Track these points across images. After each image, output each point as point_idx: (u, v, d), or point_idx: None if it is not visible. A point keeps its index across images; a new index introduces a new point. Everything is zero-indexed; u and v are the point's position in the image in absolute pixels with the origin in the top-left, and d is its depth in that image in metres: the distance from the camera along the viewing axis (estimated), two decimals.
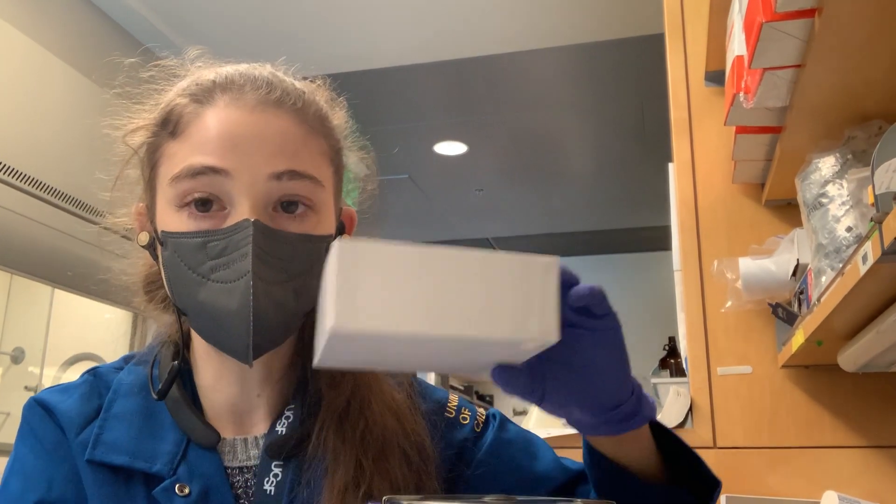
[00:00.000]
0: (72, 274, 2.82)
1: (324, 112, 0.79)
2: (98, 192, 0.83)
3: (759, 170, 1.55)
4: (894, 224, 0.73)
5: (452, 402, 0.88)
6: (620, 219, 5.53)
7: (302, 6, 2.94)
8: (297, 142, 0.74)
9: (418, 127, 4.03)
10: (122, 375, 0.83)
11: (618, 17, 2.95)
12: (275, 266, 0.70)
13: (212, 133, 0.72)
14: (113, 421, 0.78)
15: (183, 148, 0.73)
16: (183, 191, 0.72)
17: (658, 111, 2.96)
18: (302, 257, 0.72)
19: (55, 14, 2.69)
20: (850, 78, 1.07)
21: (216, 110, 0.73)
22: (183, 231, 0.72)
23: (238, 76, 0.76)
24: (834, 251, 1.12)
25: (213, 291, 0.70)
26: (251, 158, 0.71)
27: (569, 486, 0.82)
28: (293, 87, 0.77)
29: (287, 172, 0.72)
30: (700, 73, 1.72)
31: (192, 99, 0.75)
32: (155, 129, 0.77)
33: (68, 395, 0.81)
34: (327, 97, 0.83)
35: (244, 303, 0.68)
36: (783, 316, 1.41)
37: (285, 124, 0.74)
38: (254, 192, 0.71)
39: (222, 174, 0.70)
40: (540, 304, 0.54)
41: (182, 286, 0.73)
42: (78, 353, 3.37)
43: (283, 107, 0.74)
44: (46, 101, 2.60)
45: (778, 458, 1.50)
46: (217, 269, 0.70)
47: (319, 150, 0.77)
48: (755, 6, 1.05)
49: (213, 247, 0.70)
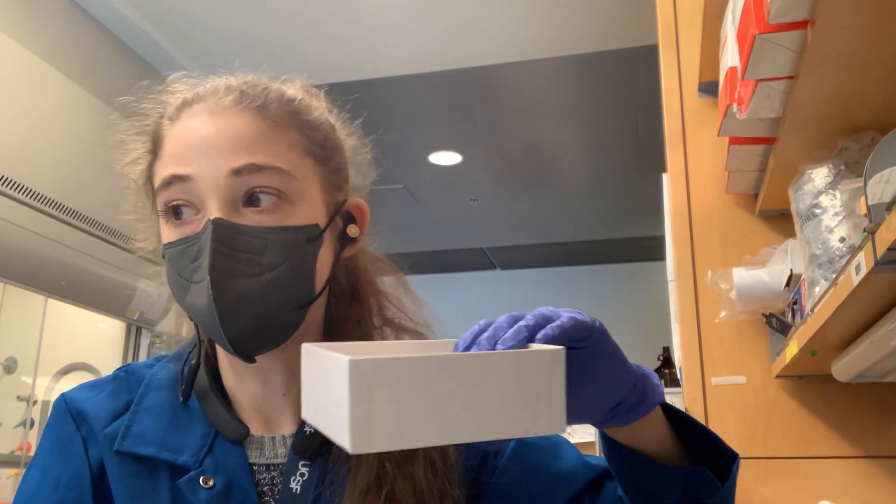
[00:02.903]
0: (65, 283, 2.81)
1: (294, 105, 0.80)
2: (92, 202, 0.85)
3: (753, 180, 1.56)
4: (887, 235, 0.74)
5: None
6: (615, 229, 5.54)
7: (298, 17, 2.94)
8: (257, 137, 0.75)
9: (413, 137, 4.04)
10: (154, 371, 0.86)
11: (612, 29, 2.96)
12: (241, 260, 0.72)
13: (177, 144, 0.76)
14: (143, 414, 0.81)
15: (161, 164, 0.77)
16: (162, 202, 0.76)
17: (652, 122, 2.97)
18: (275, 248, 0.73)
19: (50, 24, 2.69)
20: (842, 89, 1.07)
21: (181, 122, 0.77)
22: (170, 241, 0.76)
23: (203, 89, 0.79)
24: (827, 262, 1.12)
25: (194, 293, 0.73)
26: (211, 160, 0.73)
27: (595, 483, 0.82)
28: (255, 88, 0.79)
29: (247, 167, 0.73)
30: (694, 84, 1.73)
31: (168, 118, 0.79)
32: (148, 156, 0.81)
33: (98, 391, 0.84)
34: (304, 91, 0.84)
35: (209, 299, 0.70)
36: (777, 326, 1.42)
37: (244, 122, 0.75)
38: (217, 190, 0.73)
39: (188, 180, 0.74)
40: (547, 397, 0.54)
41: (176, 291, 0.76)
42: (71, 363, 3.36)
43: (240, 106, 0.76)
44: (40, 111, 2.60)
45: (772, 469, 1.50)
46: (195, 272, 0.73)
47: (288, 142, 0.77)
48: (748, 18, 1.06)
49: (190, 251, 0.73)
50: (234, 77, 0.80)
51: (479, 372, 0.53)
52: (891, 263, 0.77)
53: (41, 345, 3.18)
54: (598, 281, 6.25)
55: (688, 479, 0.70)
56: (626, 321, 4.73)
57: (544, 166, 4.43)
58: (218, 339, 0.73)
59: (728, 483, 0.71)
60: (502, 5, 2.86)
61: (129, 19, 2.95)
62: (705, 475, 0.70)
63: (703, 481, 0.70)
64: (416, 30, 3.03)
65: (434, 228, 5.49)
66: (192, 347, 0.85)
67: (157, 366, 0.86)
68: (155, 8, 2.92)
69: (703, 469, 0.70)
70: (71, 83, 2.72)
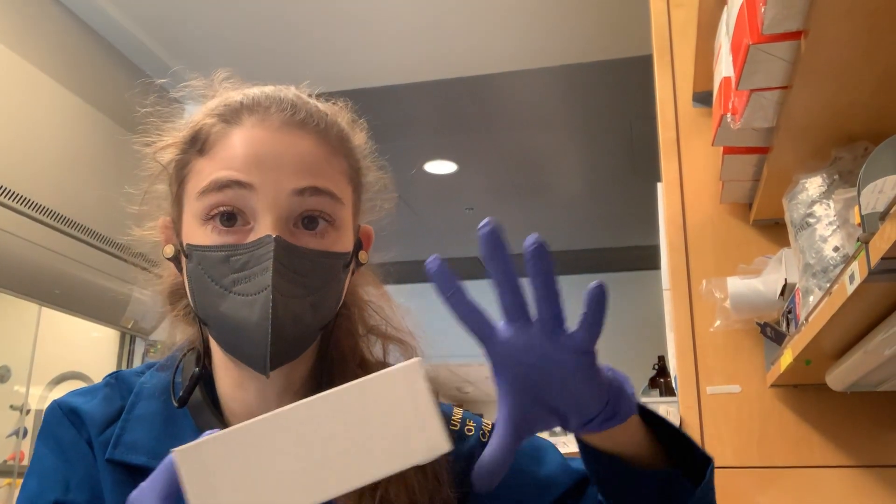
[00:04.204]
0: (59, 292, 2.80)
1: (345, 133, 0.83)
2: (86, 210, 0.84)
3: (747, 190, 1.56)
4: (881, 244, 0.74)
5: (457, 414, 0.89)
6: (610, 238, 5.55)
7: (293, 26, 2.95)
8: (319, 161, 0.77)
9: (408, 146, 4.04)
10: (144, 379, 0.85)
11: (607, 39, 2.97)
12: (294, 281, 0.73)
13: (238, 150, 0.75)
14: (134, 422, 0.80)
15: (210, 164, 0.76)
16: (209, 204, 0.74)
17: (647, 131, 2.98)
18: (320, 273, 0.75)
19: (45, 33, 2.70)
20: (836, 99, 1.08)
21: (243, 130, 0.76)
22: (207, 244, 0.74)
23: (264, 98, 0.79)
24: (821, 271, 1.12)
25: (235, 303, 0.72)
26: (275, 174, 0.74)
27: (578, 487, 0.82)
28: (316, 109, 0.80)
29: (309, 188, 0.75)
30: (688, 94, 1.73)
31: (220, 119, 0.78)
32: (183, 146, 0.80)
33: (91, 397, 0.83)
34: (349, 119, 0.86)
35: (263, 315, 0.70)
36: (772, 335, 1.42)
37: (308, 144, 0.77)
38: (276, 207, 0.73)
39: (247, 188, 0.73)
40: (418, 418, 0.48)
41: (205, 297, 0.75)
42: (65, 372, 3.35)
43: (306, 128, 0.77)
44: (34, 119, 2.60)
45: (767, 478, 1.49)
46: (239, 282, 0.72)
47: (340, 169, 0.80)
48: (742, 28, 1.06)
49: (235, 260, 0.73)
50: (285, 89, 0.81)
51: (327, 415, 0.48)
52: (885, 273, 0.77)
53: (35, 354, 3.17)
54: None
55: (661, 482, 0.70)
56: (620, 330, 4.73)
57: (540, 175, 4.44)
58: (252, 353, 0.72)
59: (703, 487, 0.71)
60: (498, 15, 2.87)
61: (125, 29, 2.95)
62: (678, 479, 0.70)
63: (678, 485, 0.70)
64: (411, 39, 3.04)
65: (429, 237, 5.48)
66: (184, 354, 0.85)
67: (147, 374, 0.86)
68: (151, 17, 2.92)
69: (676, 472, 0.70)
70: (65, 91, 2.72)
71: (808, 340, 1.09)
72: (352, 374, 0.82)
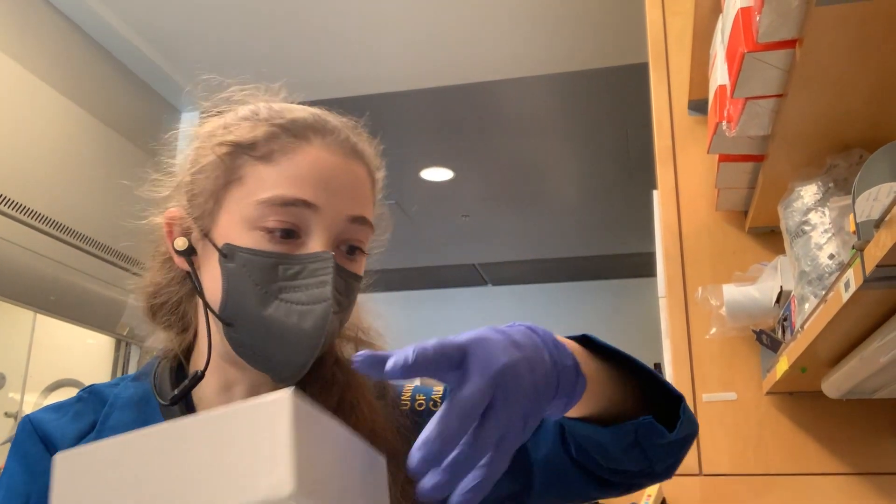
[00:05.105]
0: (54, 299, 2.80)
1: (376, 163, 0.87)
2: (82, 218, 0.84)
3: (742, 197, 1.57)
4: (876, 252, 0.74)
5: (406, 392, 0.90)
6: (605, 245, 5.56)
7: (290, 33, 2.95)
8: (367, 190, 0.82)
9: (405, 153, 4.04)
10: (118, 390, 0.86)
11: (603, 47, 2.98)
12: (336, 299, 0.76)
13: (307, 170, 0.78)
14: (108, 433, 0.80)
15: (274, 175, 0.77)
16: (268, 214, 0.76)
17: (642, 139, 2.99)
18: (351, 294, 0.80)
19: (45, 41, 2.70)
20: (830, 107, 1.08)
21: (311, 148, 0.79)
22: (256, 248, 0.76)
23: (328, 120, 0.82)
24: (817, 278, 1.12)
25: (283, 310, 0.75)
26: (337, 199, 0.78)
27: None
28: (362, 140, 0.85)
29: (360, 218, 0.79)
30: (683, 102, 1.74)
31: (286, 132, 0.80)
32: (236, 147, 0.80)
33: (62, 414, 0.84)
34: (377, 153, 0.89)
35: (318, 326, 0.73)
36: (767, 343, 1.42)
37: (362, 173, 0.82)
38: (333, 228, 0.77)
39: (311, 208, 0.76)
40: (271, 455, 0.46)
41: (244, 298, 0.76)
42: (60, 379, 3.33)
43: (360, 157, 0.82)
44: (32, 126, 2.59)
45: (763, 486, 1.49)
46: (288, 290, 0.75)
47: (374, 198, 0.85)
48: (737, 37, 1.07)
49: (285, 269, 0.75)
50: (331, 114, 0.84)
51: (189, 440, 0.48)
52: (879, 280, 0.77)
53: (30, 360, 3.16)
54: (589, 297, 6.25)
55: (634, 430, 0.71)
56: (616, 337, 4.70)
57: (536, 183, 4.45)
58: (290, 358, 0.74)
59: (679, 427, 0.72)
60: (494, 23, 2.87)
61: (124, 37, 2.95)
62: (652, 425, 0.71)
63: (651, 430, 0.71)
64: (408, 47, 3.04)
65: (425, 244, 5.48)
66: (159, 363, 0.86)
67: (122, 385, 0.87)
68: (150, 26, 2.92)
69: (648, 419, 0.71)
70: (64, 99, 2.72)
71: (804, 348, 1.09)
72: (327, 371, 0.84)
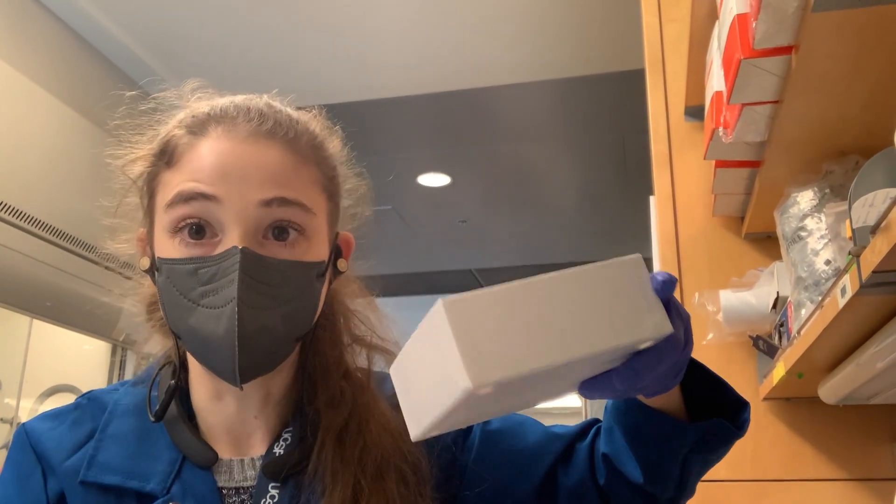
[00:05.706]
0: (51, 304, 2.79)
1: (318, 141, 0.81)
2: (78, 222, 0.84)
3: (739, 203, 1.57)
4: (872, 258, 0.74)
5: None
6: (602, 251, 5.54)
7: (287, 39, 2.95)
8: (287, 170, 0.76)
9: (402, 158, 4.04)
10: (118, 396, 0.84)
11: (600, 53, 2.99)
12: (263, 292, 0.72)
13: (204, 162, 0.74)
14: (108, 441, 0.79)
15: (177, 176, 0.75)
16: (176, 217, 0.74)
17: (639, 145, 2.99)
18: (291, 283, 0.74)
19: (39, 44, 2.69)
20: (827, 113, 1.09)
21: (209, 141, 0.75)
22: (176, 257, 0.74)
23: (232, 108, 0.78)
24: (813, 284, 1.13)
25: (203, 316, 0.71)
26: (241, 186, 0.73)
27: (565, 452, 0.82)
28: (286, 118, 0.79)
29: (277, 199, 0.73)
30: (680, 108, 1.74)
31: (188, 130, 0.77)
32: (153, 159, 0.80)
33: (59, 422, 0.82)
34: (322, 126, 0.84)
35: (229, 328, 0.69)
36: (764, 348, 1.42)
37: (276, 154, 0.76)
38: (244, 218, 0.72)
39: (213, 200, 0.72)
40: (645, 301, 0.55)
41: (175, 310, 0.74)
42: (56, 385, 3.32)
43: (274, 137, 0.76)
44: (27, 129, 2.59)
45: (760, 492, 1.49)
46: (206, 295, 0.71)
47: (311, 178, 0.78)
48: (734, 43, 1.07)
49: (203, 273, 0.72)
50: (256, 98, 0.80)
51: (572, 289, 0.54)
52: (876, 286, 0.77)
53: (26, 366, 3.15)
54: None
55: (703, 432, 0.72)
56: None
57: (533, 188, 4.45)
58: (222, 365, 0.72)
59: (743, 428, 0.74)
60: (491, 29, 2.88)
61: (119, 40, 2.95)
62: (722, 426, 0.72)
63: (719, 432, 0.72)
64: (405, 52, 3.04)
65: (423, 250, 5.48)
66: (160, 368, 0.84)
67: (121, 391, 0.85)
68: (145, 29, 2.92)
69: (719, 421, 0.72)
70: (59, 103, 2.71)
71: (801, 353, 1.09)
72: (335, 385, 0.82)
